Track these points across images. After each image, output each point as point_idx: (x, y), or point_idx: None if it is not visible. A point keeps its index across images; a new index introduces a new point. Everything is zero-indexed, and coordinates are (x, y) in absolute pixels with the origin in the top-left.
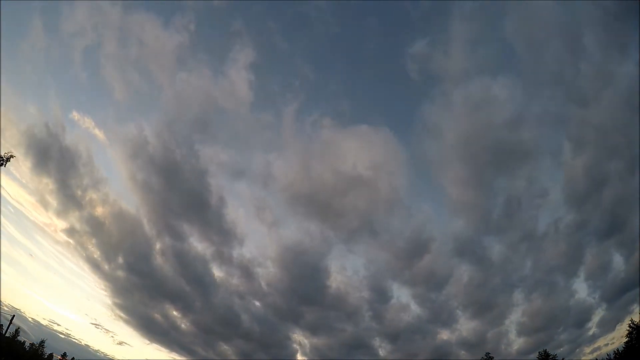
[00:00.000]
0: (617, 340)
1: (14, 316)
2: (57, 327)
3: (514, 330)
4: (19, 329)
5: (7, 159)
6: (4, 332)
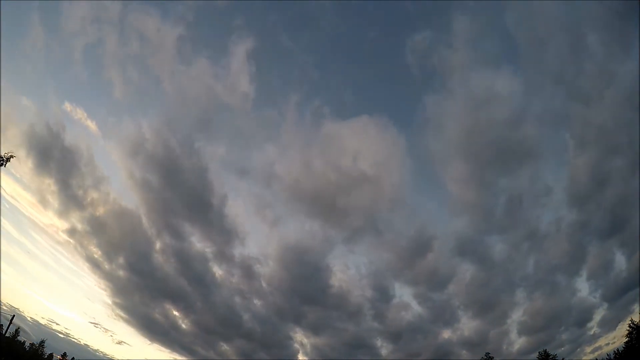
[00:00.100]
0: (618, 339)
1: (14, 316)
2: (56, 326)
3: (515, 329)
4: (19, 328)
5: (7, 159)
6: (4, 332)
